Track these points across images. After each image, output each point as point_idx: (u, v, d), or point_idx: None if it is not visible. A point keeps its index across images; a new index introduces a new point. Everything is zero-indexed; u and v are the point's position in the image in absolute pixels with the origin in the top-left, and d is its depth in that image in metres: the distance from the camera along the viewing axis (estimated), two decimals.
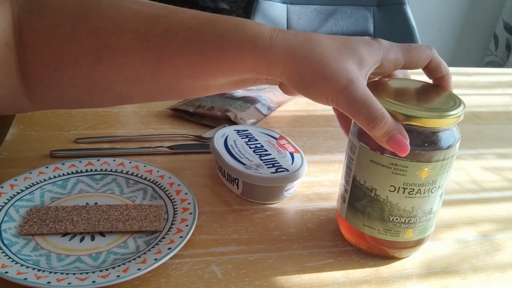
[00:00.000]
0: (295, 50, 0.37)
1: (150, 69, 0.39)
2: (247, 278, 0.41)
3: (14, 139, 0.59)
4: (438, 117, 0.37)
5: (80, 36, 0.38)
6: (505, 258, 0.46)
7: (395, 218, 0.41)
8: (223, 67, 0.39)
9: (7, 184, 0.47)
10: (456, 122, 0.38)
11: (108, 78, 0.40)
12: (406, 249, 0.43)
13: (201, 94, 0.43)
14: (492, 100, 0.86)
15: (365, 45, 0.39)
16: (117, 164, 0.53)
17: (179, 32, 0.38)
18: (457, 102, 0.40)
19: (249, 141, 0.55)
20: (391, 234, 0.42)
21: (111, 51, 0.38)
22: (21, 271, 0.37)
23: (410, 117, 0.37)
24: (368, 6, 1.32)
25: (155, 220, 0.45)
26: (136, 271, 0.38)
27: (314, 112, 0.73)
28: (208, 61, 0.39)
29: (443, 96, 0.41)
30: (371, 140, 0.38)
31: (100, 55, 0.38)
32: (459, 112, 0.38)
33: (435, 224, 0.44)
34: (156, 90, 0.42)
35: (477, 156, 0.65)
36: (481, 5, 2.23)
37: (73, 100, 0.43)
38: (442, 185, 0.41)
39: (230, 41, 0.38)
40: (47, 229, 0.43)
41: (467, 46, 2.31)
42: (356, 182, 0.41)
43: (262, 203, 0.51)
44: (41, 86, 0.40)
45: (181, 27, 0.38)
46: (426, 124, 0.37)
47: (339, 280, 0.41)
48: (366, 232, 0.42)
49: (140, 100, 0.44)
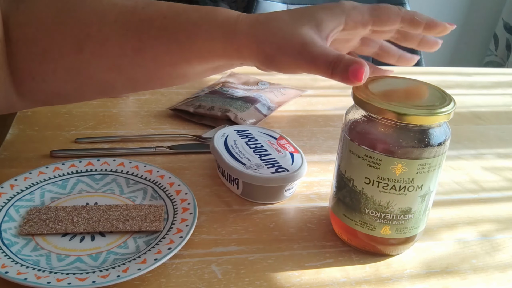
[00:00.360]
0: (256, 30, 0.39)
1: (130, 58, 0.41)
2: (247, 278, 0.41)
3: (14, 139, 0.59)
4: (428, 114, 0.37)
5: (63, 28, 0.40)
6: (505, 258, 0.46)
7: (370, 211, 0.41)
8: (196, 54, 0.41)
9: (7, 184, 0.47)
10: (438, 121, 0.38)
11: (91, 67, 0.42)
12: (384, 246, 0.43)
13: (181, 82, 0.45)
14: (492, 100, 0.86)
15: (325, 9, 0.40)
16: (117, 164, 0.53)
17: (155, 22, 0.40)
18: (447, 99, 0.40)
19: (249, 141, 0.55)
20: (367, 227, 0.42)
21: (93, 41, 0.41)
22: (21, 271, 0.37)
23: (401, 115, 0.37)
24: None
25: (155, 220, 0.45)
26: (136, 271, 0.38)
27: (314, 112, 0.73)
28: (182, 48, 0.41)
29: (433, 94, 0.41)
30: (353, 131, 0.40)
31: (82, 45, 0.40)
32: (449, 110, 0.38)
33: (422, 226, 0.43)
34: (137, 78, 0.44)
35: (477, 156, 0.65)
36: (481, 5, 2.23)
37: (60, 92, 0.44)
38: (424, 186, 0.40)
39: (201, 29, 0.40)
40: (47, 229, 0.43)
41: (467, 46, 2.31)
42: (340, 172, 0.43)
43: (262, 203, 0.51)
44: (28, 79, 0.42)
45: (157, 16, 0.40)
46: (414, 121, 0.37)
47: (339, 280, 0.41)
48: (346, 222, 0.43)
49: (123, 89, 0.45)
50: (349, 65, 0.36)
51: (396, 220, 0.41)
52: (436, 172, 0.40)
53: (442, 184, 0.57)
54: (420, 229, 0.43)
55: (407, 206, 0.41)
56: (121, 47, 0.41)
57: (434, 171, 0.40)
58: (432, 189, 0.41)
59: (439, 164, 0.40)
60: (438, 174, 0.41)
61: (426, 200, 0.41)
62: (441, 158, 0.40)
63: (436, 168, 0.40)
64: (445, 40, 0.47)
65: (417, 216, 0.42)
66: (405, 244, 0.44)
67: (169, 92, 0.75)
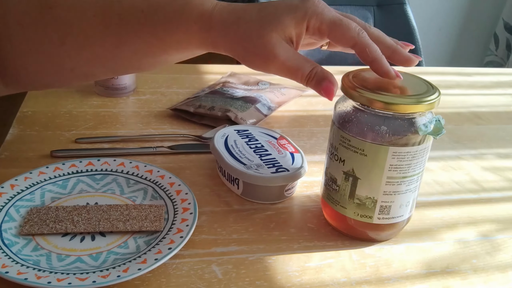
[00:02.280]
0: (228, 29, 0.40)
1: (110, 51, 0.43)
2: (248, 278, 0.41)
3: (14, 139, 0.59)
4: (414, 103, 0.39)
5: (45, 23, 0.41)
6: (505, 258, 0.46)
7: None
8: (175, 46, 0.42)
9: (8, 184, 0.47)
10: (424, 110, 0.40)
11: (73, 60, 0.43)
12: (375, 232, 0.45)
13: (162, 66, 0.47)
14: (492, 100, 0.86)
15: (290, 12, 0.40)
16: (117, 164, 0.53)
17: (132, 16, 0.41)
18: (433, 89, 0.41)
19: (249, 141, 0.55)
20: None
21: (73, 35, 0.42)
22: (21, 271, 0.37)
23: (388, 104, 0.39)
24: (368, 6, 1.32)
25: (156, 220, 0.45)
26: (136, 271, 0.38)
27: (314, 112, 0.73)
28: (160, 41, 0.42)
29: (419, 84, 0.43)
30: (341, 121, 0.43)
31: (64, 39, 0.41)
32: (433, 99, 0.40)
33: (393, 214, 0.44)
34: (118, 68, 0.46)
35: (478, 156, 0.65)
36: (481, 5, 2.23)
37: (43, 81, 0.45)
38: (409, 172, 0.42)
39: (178, 23, 0.41)
40: (48, 229, 0.43)
41: (467, 46, 2.31)
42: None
43: (262, 203, 0.51)
44: (11, 69, 0.42)
45: (134, 10, 0.41)
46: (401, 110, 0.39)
47: (339, 280, 0.41)
48: (337, 209, 0.45)
49: (104, 77, 0.49)
50: (321, 81, 0.39)
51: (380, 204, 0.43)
52: (422, 160, 0.42)
53: (442, 184, 0.57)
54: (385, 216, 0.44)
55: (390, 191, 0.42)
56: (101, 42, 0.42)
57: (419, 158, 0.42)
58: (415, 175, 0.42)
59: (425, 152, 0.42)
60: (424, 161, 0.43)
61: (409, 186, 0.43)
62: (426, 146, 0.42)
63: (422, 155, 0.42)
64: (445, 40, 0.47)
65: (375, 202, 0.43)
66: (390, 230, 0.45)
67: (170, 92, 0.75)
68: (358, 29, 0.40)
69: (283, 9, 0.40)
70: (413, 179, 0.42)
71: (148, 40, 0.42)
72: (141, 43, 0.42)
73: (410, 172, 0.42)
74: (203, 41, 0.41)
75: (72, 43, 0.42)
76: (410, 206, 0.44)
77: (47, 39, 0.41)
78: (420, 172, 0.43)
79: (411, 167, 0.41)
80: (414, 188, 0.43)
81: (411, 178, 0.42)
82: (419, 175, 0.43)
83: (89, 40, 0.42)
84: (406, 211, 0.44)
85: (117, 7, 0.41)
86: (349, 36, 0.40)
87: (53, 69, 0.44)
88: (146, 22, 0.41)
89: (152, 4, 0.41)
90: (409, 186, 0.43)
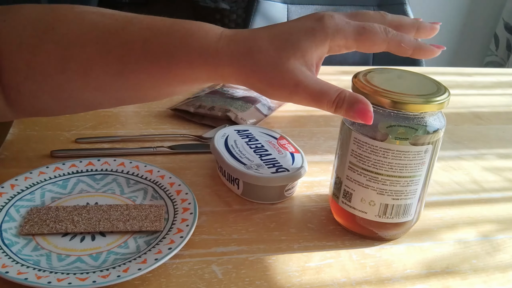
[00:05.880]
0: (239, 62, 0.38)
1: (113, 80, 0.41)
2: (248, 278, 0.41)
3: (14, 139, 0.59)
4: (424, 103, 0.39)
5: (46, 46, 0.40)
6: (505, 259, 0.46)
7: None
8: (180, 78, 0.40)
9: (8, 184, 0.47)
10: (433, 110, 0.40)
11: (75, 87, 0.41)
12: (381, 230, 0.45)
13: (169, 97, 0.45)
14: (492, 100, 0.86)
15: (308, 35, 0.38)
16: (117, 164, 0.53)
17: (135, 45, 0.39)
18: (442, 89, 0.41)
19: (249, 141, 0.55)
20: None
21: (75, 61, 0.40)
22: (21, 271, 0.37)
23: (397, 103, 0.39)
24: (368, 6, 1.32)
25: (156, 220, 0.45)
26: (136, 271, 0.38)
27: (314, 112, 0.73)
28: (165, 73, 0.40)
29: (429, 84, 0.43)
30: None
31: (65, 65, 0.40)
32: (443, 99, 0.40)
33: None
34: (123, 98, 0.44)
35: (478, 156, 0.65)
36: (482, 5, 2.23)
37: (46, 107, 0.44)
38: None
39: (180, 55, 0.39)
40: (48, 229, 0.43)
41: (468, 46, 2.31)
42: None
43: (263, 203, 0.51)
44: (14, 92, 0.41)
45: (137, 38, 0.40)
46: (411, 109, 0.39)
47: (339, 280, 0.41)
48: (344, 208, 0.45)
49: (110, 106, 0.45)
50: (353, 104, 0.36)
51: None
52: (431, 160, 0.42)
53: (442, 184, 0.57)
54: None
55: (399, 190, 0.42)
56: (103, 70, 0.40)
57: (428, 159, 0.42)
58: (380, 174, 0.42)
59: (434, 153, 0.42)
60: (434, 163, 0.43)
61: (372, 183, 0.43)
62: (435, 147, 0.42)
63: (430, 157, 0.42)
64: (445, 40, 0.47)
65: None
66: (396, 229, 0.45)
67: None
68: (384, 28, 0.38)
69: (299, 33, 0.38)
70: (377, 178, 0.42)
71: (152, 71, 0.40)
72: (145, 74, 0.40)
73: (372, 168, 0.42)
74: (211, 74, 0.39)
75: (74, 69, 0.40)
76: (379, 208, 0.43)
77: (48, 63, 0.40)
78: (389, 175, 0.41)
79: (371, 162, 0.41)
80: (383, 191, 0.42)
81: (375, 175, 0.42)
82: (389, 177, 0.41)
83: (91, 67, 0.40)
84: (373, 211, 0.43)
85: (120, 34, 0.40)
86: (379, 41, 0.38)
87: (54, 94, 0.42)
88: (149, 53, 0.39)
89: (155, 34, 0.39)
90: (372, 183, 0.42)
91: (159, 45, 0.39)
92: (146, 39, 0.39)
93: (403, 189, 0.42)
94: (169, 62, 0.39)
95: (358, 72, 0.44)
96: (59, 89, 0.41)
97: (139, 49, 0.39)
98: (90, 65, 0.40)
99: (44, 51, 0.40)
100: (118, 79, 0.41)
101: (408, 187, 0.42)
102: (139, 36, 0.40)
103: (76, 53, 0.40)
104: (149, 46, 0.39)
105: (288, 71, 0.37)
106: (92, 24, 0.40)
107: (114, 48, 0.40)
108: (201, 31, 0.39)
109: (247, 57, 0.38)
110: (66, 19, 0.40)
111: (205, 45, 0.39)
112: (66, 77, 0.40)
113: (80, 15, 0.41)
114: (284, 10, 1.29)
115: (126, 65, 0.40)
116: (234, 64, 0.38)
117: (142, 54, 0.39)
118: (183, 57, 0.39)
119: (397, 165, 0.41)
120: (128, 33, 0.40)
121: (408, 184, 0.42)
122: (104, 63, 0.40)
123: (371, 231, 0.45)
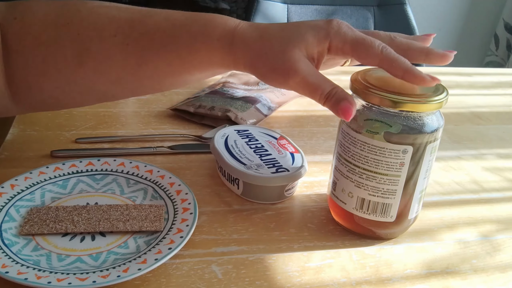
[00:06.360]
0: (250, 46, 0.41)
1: (131, 72, 0.42)
2: (248, 278, 0.41)
3: (14, 139, 0.59)
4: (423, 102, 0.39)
5: (62, 41, 0.40)
6: (505, 259, 0.46)
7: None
8: (197, 65, 0.42)
9: (8, 184, 0.47)
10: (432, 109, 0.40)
11: (91, 81, 0.42)
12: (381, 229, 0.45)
13: (181, 87, 0.47)
14: (492, 100, 0.86)
15: (313, 31, 0.40)
16: (117, 164, 0.53)
17: (155, 35, 0.41)
18: (440, 89, 0.41)
19: (249, 141, 0.55)
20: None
21: (93, 55, 0.41)
22: (21, 271, 0.37)
23: (396, 102, 0.39)
24: (368, 6, 1.32)
25: (156, 220, 0.45)
26: (136, 271, 0.38)
27: (314, 112, 0.73)
28: (183, 61, 0.42)
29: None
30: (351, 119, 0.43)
31: (82, 59, 0.41)
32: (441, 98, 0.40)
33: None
34: (138, 89, 0.45)
35: (478, 156, 0.65)
36: (482, 5, 2.23)
37: (57, 101, 0.44)
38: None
39: (201, 42, 0.41)
40: (48, 229, 0.43)
41: (468, 46, 2.30)
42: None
43: (263, 203, 0.51)
44: (25, 89, 0.42)
45: (156, 30, 0.41)
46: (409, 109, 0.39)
47: (339, 280, 0.41)
48: (342, 206, 0.46)
49: (122, 98, 0.48)
50: (340, 101, 0.38)
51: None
52: (428, 158, 0.42)
53: (442, 184, 0.57)
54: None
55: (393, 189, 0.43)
56: (122, 62, 0.41)
57: (426, 157, 0.42)
58: (403, 178, 0.42)
59: (419, 157, 0.42)
60: (432, 160, 0.43)
61: (351, 174, 0.43)
62: (433, 146, 0.42)
63: (428, 155, 0.42)
64: (445, 40, 0.47)
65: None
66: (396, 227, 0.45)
67: (170, 92, 0.75)
68: (382, 46, 0.39)
69: (306, 28, 0.41)
70: (355, 170, 0.43)
71: (171, 60, 0.41)
72: (163, 63, 0.42)
73: (351, 159, 0.43)
74: (225, 58, 0.41)
75: (92, 63, 0.41)
76: (357, 201, 0.43)
77: (64, 58, 0.40)
78: (364, 169, 0.42)
79: (351, 153, 0.42)
80: (360, 184, 0.43)
81: (353, 167, 0.43)
82: (364, 171, 0.42)
83: (110, 60, 0.41)
84: (351, 202, 0.44)
85: (139, 27, 0.41)
86: (372, 54, 0.39)
87: (68, 89, 0.43)
88: (169, 42, 0.41)
89: (175, 24, 0.41)
90: (351, 174, 0.43)
91: (179, 35, 0.41)
92: (166, 29, 0.41)
93: (379, 186, 0.42)
94: (190, 51, 0.41)
95: (360, 70, 0.44)
96: (74, 84, 0.42)
97: (158, 40, 0.41)
98: (108, 58, 0.41)
99: (59, 46, 0.40)
100: (136, 70, 0.42)
101: (385, 185, 0.42)
102: (159, 27, 0.41)
103: (93, 47, 0.40)
104: (168, 36, 0.41)
105: (291, 59, 0.39)
106: (108, 17, 0.41)
107: (133, 40, 0.41)
108: (221, 20, 0.42)
109: (258, 42, 0.40)
110: (81, 14, 0.41)
111: (224, 32, 0.41)
112: (82, 72, 0.41)
113: (95, 10, 0.41)
114: (284, 10, 1.29)
115: (145, 57, 0.41)
116: (245, 47, 0.41)
117: (161, 44, 0.41)
118: (203, 43, 0.41)
119: (372, 160, 0.41)
120: (147, 25, 0.41)
121: (385, 182, 0.42)
122: (122, 55, 0.41)
123: (369, 229, 0.45)
